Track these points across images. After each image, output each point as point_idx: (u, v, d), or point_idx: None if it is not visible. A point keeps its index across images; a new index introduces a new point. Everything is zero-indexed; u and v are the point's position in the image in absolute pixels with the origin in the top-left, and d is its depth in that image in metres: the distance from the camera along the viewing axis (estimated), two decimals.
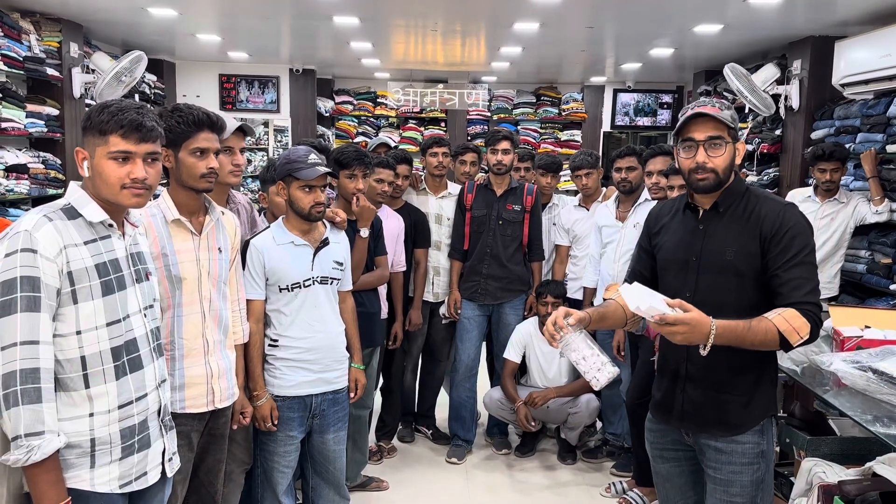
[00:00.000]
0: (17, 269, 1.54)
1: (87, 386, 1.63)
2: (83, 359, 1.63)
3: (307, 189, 2.52)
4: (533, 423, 3.78)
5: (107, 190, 1.67)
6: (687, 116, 1.98)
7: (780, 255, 1.90)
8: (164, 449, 1.82)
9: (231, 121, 2.48)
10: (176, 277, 2.07)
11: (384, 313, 3.56)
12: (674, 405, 2.10)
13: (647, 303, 1.80)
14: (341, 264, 2.73)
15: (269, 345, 2.61)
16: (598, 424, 4.12)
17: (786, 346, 1.84)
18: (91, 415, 1.64)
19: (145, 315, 1.76)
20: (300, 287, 2.60)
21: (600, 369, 1.90)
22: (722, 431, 2.01)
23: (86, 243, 1.63)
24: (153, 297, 1.82)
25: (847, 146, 4.50)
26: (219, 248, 2.19)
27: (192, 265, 2.11)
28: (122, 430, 1.68)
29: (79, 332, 1.62)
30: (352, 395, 2.84)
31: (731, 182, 2.02)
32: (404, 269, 3.70)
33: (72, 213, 1.65)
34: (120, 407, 1.68)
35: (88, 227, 1.66)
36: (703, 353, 1.82)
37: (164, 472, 1.81)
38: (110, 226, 1.70)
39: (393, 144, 4.74)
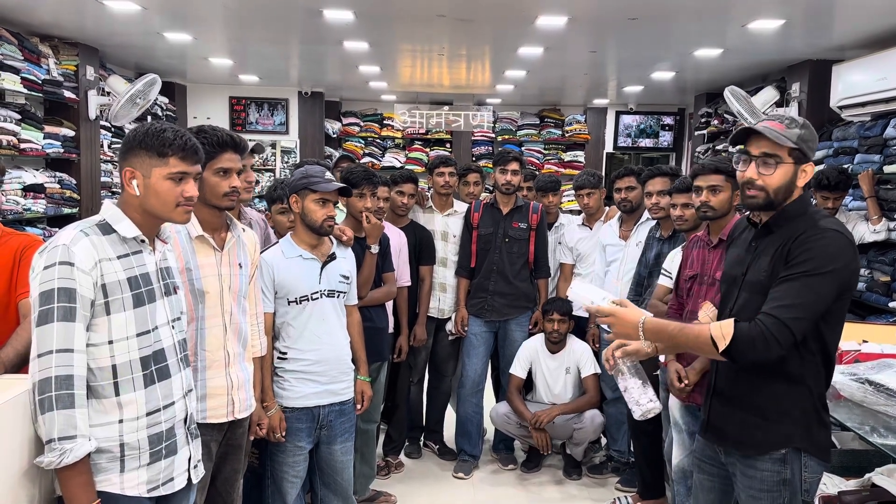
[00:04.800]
0: (55, 281, 1.62)
1: (117, 393, 1.71)
2: (114, 367, 1.70)
3: (322, 202, 2.63)
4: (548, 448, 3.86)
5: (161, 208, 1.77)
6: (742, 130, 1.95)
7: (784, 271, 1.84)
8: (190, 456, 1.88)
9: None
10: (199, 291, 2.16)
11: (390, 328, 3.64)
12: (705, 417, 2.12)
13: (584, 295, 2.02)
14: (347, 278, 2.82)
15: (278, 357, 2.69)
16: (604, 441, 4.17)
17: (723, 352, 1.81)
18: (121, 421, 1.71)
19: (173, 327, 1.84)
20: (308, 300, 2.68)
21: (638, 402, 2.03)
22: (737, 449, 2.00)
23: (119, 257, 1.72)
24: (180, 309, 1.90)
25: (845, 167, 4.59)
26: (239, 264, 2.27)
27: (215, 280, 2.20)
28: (151, 436, 1.76)
29: (111, 342, 1.70)
30: (358, 406, 2.91)
31: (790, 203, 1.92)
32: (409, 283, 3.78)
33: (106, 228, 1.74)
34: (148, 414, 1.75)
35: (122, 243, 1.75)
36: (649, 350, 1.96)
37: (189, 479, 1.88)
38: (142, 241, 1.78)
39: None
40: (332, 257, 2.76)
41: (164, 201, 1.76)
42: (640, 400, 2.04)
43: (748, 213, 2.05)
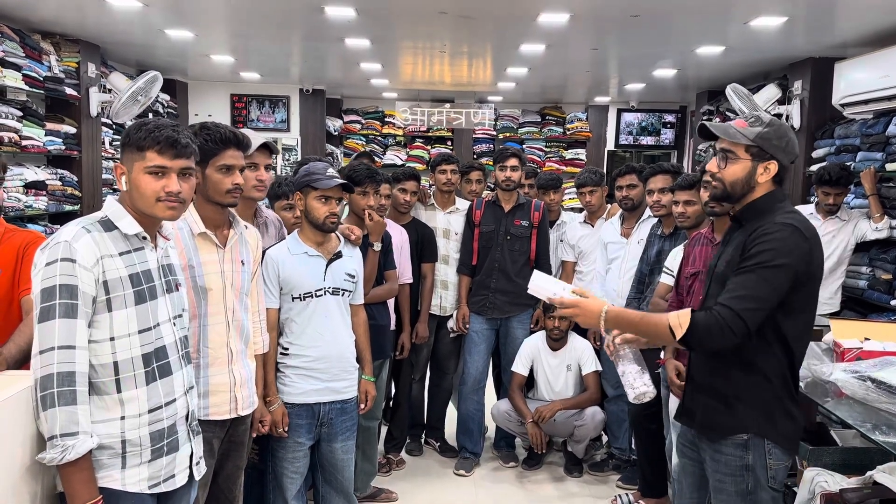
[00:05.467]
0: (56, 278, 1.62)
1: (119, 390, 1.71)
2: (116, 364, 1.70)
3: (323, 199, 2.64)
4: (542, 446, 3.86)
5: (143, 202, 1.76)
6: (702, 126, 2.09)
7: (741, 262, 1.93)
8: (192, 453, 1.89)
9: (257, 137, 2.58)
10: (202, 288, 2.16)
11: (392, 325, 3.64)
12: (680, 402, 2.24)
13: (544, 287, 2.08)
14: (353, 277, 2.82)
15: (281, 353, 2.70)
16: (605, 438, 4.17)
17: (681, 340, 1.91)
18: (122, 418, 1.71)
19: (174, 324, 1.84)
20: (312, 296, 2.68)
21: (633, 386, 2.14)
22: (702, 433, 2.11)
23: (121, 254, 1.72)
24: (182, 306, 1.90)
25: (847, 164, 4.59)
26: (241, 261, 2.27)
27: (217, 277, 2.19)
28: (152, 433, 1.76)
29: (112, 339, 1.70)
30: (362, 406, 2.91)
31: (760, 197, 2.01)
32: (410, 281, 3.78)
33: (108, 225, 1.74)
34: (150, 411, 1.75)
35: (124, 239, 1.75)
36: (604, 334, 2.09)
37: (191, 475, 1.88)
38: (144, 238, 1.78)
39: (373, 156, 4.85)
40: (338, 255, 2.76)
41: (143, 195, 1.75)
42: (635, 384, 2.14)
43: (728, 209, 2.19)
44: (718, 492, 2.07)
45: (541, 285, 2.10)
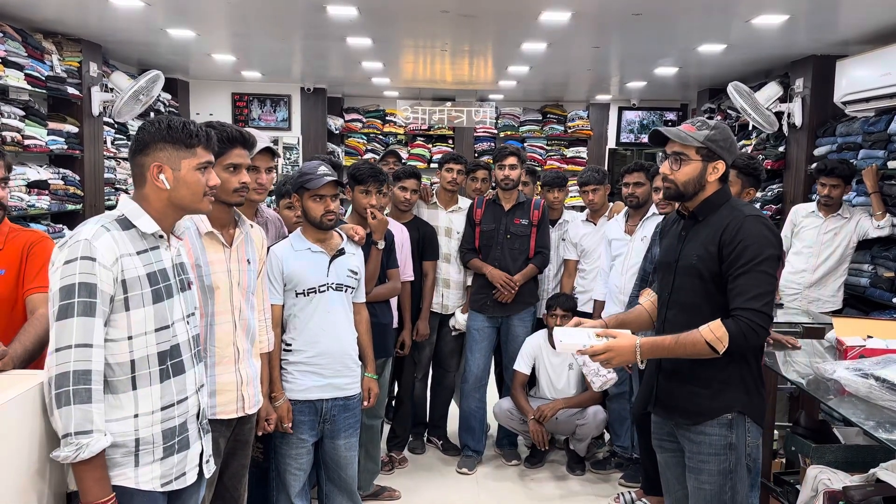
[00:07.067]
0: (76, 276, 1.62)
1: (133, 388, 1.71)
2: (133, 362, 1.71)
3: (318, 199, 2.67)
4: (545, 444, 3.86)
5: (191, 199, 1.80)
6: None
7: (732, 263, 2.04)
8: (202, 451, 1.89)
9: (262, 140, 2.58)
10: (209, 287, 2.17)
11: (394, 323, 3.65)
12: (652, 394, 2.29)
13: (569, 341, 2.08)
14: (356, 273, 2.84)
15: (284, 349, 2.71)
16: (607, 437, 4.18)
17: (720, 353, 2.01)
18: (136, 416, 1.72)
19: (188, 322, 1.85)
20: (315, 292, 2.71)
21: (598, 373, 2.19)
22: (684, 419, 2.17)
23: (138, 253, 1.73)
24: (194, 305, 1.91)
25: (850, 161, 4.59)
26: (248, 260, 2.29)
27: (224, 276, 2.20)
28: (164, 431, 1.76)
29: (130, 338, 1.70)
30: (365, 403, 2.92)
31: (712, 194, 2.16)
32: (412, 278, 3.79)
33: (126, 224, 1.74)
34: (162, 409, 1.76)
35: (141, 238, 1.75)
36: (641, 366, 2.12)
37: (200, 473, 1.89)
38: (160, 237, 1.79)
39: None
40: (341, 252, 2.78)
41: (194, 192, 1.79)
42: (600, 372, 2.31)
43: (677, 206, 2.28)
44: (698, 472, 2.15)
45: (567, 342, 2.12)
